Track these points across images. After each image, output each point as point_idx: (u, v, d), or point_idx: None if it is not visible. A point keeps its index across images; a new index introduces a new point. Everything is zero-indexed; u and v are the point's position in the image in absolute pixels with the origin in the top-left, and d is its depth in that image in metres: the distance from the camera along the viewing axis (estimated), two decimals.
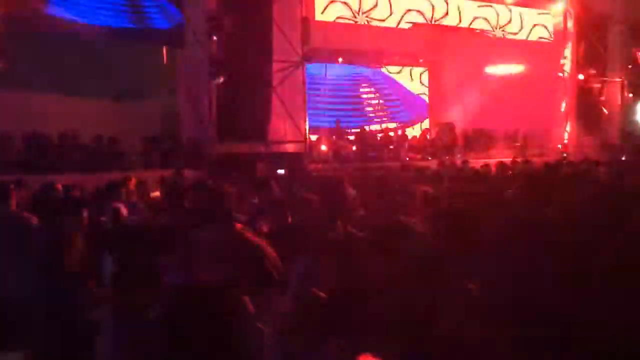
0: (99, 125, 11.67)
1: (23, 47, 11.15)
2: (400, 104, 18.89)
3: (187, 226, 3.86)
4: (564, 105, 16.71)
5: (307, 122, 13.06)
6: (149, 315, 2.25)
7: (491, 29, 17.39)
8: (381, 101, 18.53)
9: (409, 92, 18.89)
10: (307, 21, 12.52)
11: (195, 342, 1.67)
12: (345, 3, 15.40)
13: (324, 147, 14.40)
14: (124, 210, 5.39)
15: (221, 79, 11.85)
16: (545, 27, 17.70)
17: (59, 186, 6.60)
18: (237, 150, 11.48)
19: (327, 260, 2.87)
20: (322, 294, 2.57)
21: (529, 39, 17.36)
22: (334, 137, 15.14)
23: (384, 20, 16.39)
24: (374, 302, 2.38)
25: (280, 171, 8.40)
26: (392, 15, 16.32)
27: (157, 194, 7.15)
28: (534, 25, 17.88)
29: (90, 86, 12.88)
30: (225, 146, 11.54)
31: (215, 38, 11.79)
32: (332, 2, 15.16)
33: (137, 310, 2.53)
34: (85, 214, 5.03)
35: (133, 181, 7.09)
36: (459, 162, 12.42)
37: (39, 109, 11.40)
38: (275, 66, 12.38)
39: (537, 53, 16.80)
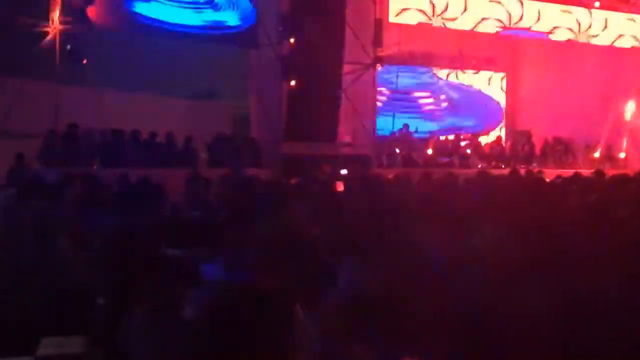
0: (174, 124, 12.01)
1: (104, 46, 11.64)
2: (471, 113, 18.37)
3: (237, 221, 3.82)
4: None
5: (374, 126, 12.91)
6: (186, 315, 2.19)
7: (574, 35, 16.59)
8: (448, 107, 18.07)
9: (482, 97, 18.35)
10: (380, 23, 12.37)
11: (236, 347, 1.56)
12: (420, 10, 15.08)
13: (397, 150, 14.14)
14: None
15: (293, 81, 11.88)
16: (634, 36, 16.73)
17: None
18: (305, 151, 11.48)
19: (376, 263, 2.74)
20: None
21: (614, 45, 16.43)
22: (407, 141, 14.90)
23: (455, 21, 15.97)
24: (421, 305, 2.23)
25: (344, 171, 8.31)
26: (468, 18, 15.85)
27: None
28: (620, 33, 16.95)
29: (168, 86, 13.35)
30: (293, 146, 11.56)
31: (289, 39, 11.83)
32: (405, 9, 14.88)
33: (173, 308, 2.47)
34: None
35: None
36: (535, 171, 11.89)
37: (115, 108, 11.90)
38: (347, 68, 12.30)
39: (623, 60, 15.89)
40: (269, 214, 3.96)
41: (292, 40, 11.78)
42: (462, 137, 16.31)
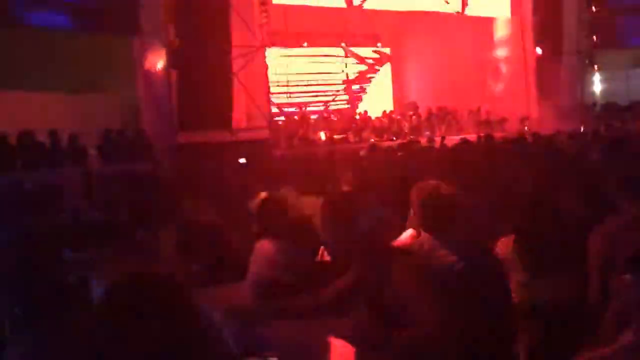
0: (55, 120, 11.30)
1: None
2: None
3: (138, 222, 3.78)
4: (525, 80, 16.92)
5: (270, 108, 12.95)
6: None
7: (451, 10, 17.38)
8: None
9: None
10: (265, 4, 12.36)
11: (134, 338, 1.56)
12: None
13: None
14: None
15: (177, 70, 11.61)
16: (502, 3, 17.78)
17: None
18: (200, 139, 11.31)
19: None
20: None
21: (487, 15, 17.42)
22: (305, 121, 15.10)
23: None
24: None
25: (242, 160, 8.28)
26: None
27: None
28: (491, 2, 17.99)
29: (43, 79, 12.50)
30: (187, 136, 11.36)
31: (171, 26, 11.54)
32: None
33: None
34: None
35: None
36: (424, 141, 12.49)
37: None
38: (235, 52, 12.19)
39: (496, 29, 16.95)
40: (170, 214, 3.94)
41: (173, 28, 11.50)
42: (354, 114, 16.77)
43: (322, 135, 14.45)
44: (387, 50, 19.18)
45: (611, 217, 3.05)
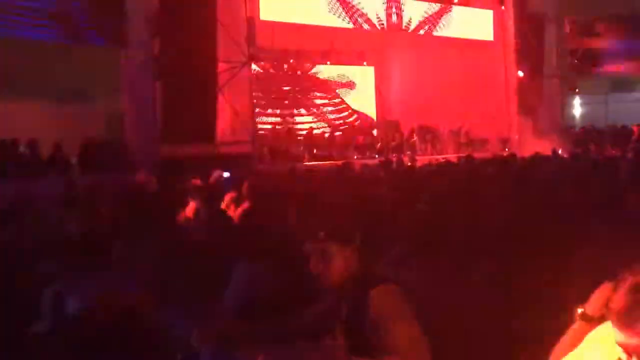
0: (39, 129, 11.25)
1: None
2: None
3: (122, 236, 3.79)
4: (506, 101, 17.19)
5: (255, 123, 13.01)
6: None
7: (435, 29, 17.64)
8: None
9: None
10: (252, 21, 12.46)
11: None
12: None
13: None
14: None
15: (162, 83, 11.64)
16: (485, 27, 18.08)
17: None
18: (184, 152, 11.32)
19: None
20: None
21: (470, 37, 17.70)
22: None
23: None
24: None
25: (226, 174, 8.32)
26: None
27: None
28: (474, 25, 18.29)
29: (29, 89, 12.46)
30: (171, 148, 11.36)
31: (158, 40, 11.58)
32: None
33: None
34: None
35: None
36: (406, 159, 12.63)
37: None
38: (221, 66, 12.27)
39: (478, 51, 17.22)
40: (155, 228, 3.95)
41: (159, 41, 11.55)
42: (336, 130, 16.90)
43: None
44: (371, 68, 19.41)
45: None
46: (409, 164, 11.43)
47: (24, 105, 12.54)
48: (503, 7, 16.76)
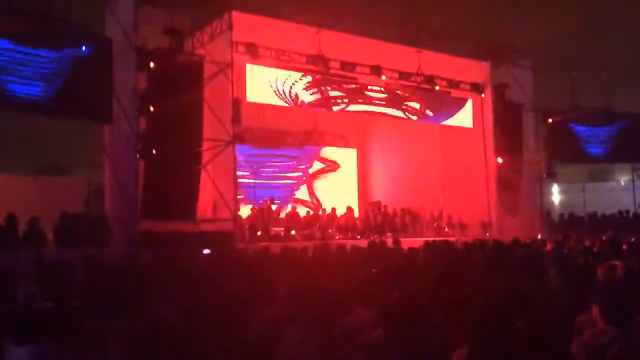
0: (19, 202, 11.10)
1: None
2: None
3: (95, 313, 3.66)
4: (487, 187, 17.43)
5: (236, 202, 12.99)
6: None
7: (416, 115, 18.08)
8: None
9: None
10: (237, 102, 12.71)
11: None
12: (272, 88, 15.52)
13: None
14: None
15: (145, 159, 11.67)
16: (465, 114, 18.58)
17: None
18: (164, 228, 11.20)
19: None
20: None
21: (450, 124, 18.16)
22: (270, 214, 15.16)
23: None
24: None
25: (206, 251, 8.20)
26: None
27: None
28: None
29: (10, 161, 12.43)
30: (150, 224, 11.24)
31: (143, 116, 11.72)
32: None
33: None
34: None
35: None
36: (389, 241, 12.55)
37: None
38: (206, 145, 12.39)
39: (459, 137, 17.64)
40: (131, 306, 3.83)
41: (145, 118, 11.69)
42: (319, 209, 16.91)
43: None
44: (354, 150, 19.74)
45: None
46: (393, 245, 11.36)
47: (4, 178, 12.47)
48: (483, 95, 17.30)
